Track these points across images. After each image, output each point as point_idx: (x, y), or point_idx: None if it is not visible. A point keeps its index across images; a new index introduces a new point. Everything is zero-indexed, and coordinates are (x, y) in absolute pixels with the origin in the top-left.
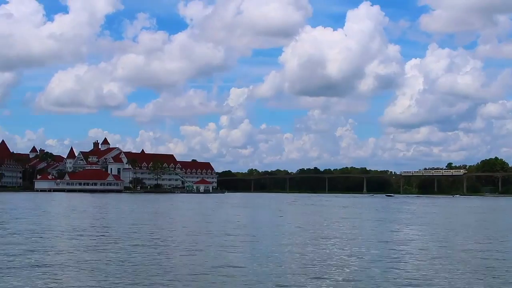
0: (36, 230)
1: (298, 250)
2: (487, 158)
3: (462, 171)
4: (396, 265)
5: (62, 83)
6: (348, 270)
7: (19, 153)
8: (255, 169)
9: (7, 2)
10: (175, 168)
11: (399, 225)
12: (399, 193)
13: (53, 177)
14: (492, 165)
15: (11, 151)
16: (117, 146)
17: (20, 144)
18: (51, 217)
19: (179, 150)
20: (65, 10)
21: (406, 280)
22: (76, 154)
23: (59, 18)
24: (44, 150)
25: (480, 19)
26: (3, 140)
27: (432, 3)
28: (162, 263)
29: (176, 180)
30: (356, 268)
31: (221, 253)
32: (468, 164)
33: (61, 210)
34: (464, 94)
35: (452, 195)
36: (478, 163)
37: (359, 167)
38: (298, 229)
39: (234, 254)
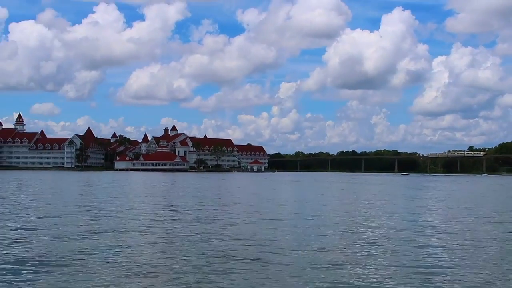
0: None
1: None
2: (504, 142)
3: (482, 153)
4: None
5: (139, 79)
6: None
7: (102, 138)
8: (301, 152)
9: (93, 12)
10: (232, 150)
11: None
12: (426, 172)
13: (130, 158)
14: (509, 148)
15: (95, 136)
16: (184, 132)
17: (104, 131)
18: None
19: (236, 135)
20: (141, 18)
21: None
22: (149, 139)
23: (137, 24)
24: (123, 135)
25: (499, 21)
26: (89, 128)
27: (456, 7)
28: (226, 231)
29: (234, 161)
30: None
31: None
32: (487, 147)
33: (145, 184)
34: (484, 86)
35: (479, 173)
36: (496, 146)
37: (391, 150)
38: (335, 200)
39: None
